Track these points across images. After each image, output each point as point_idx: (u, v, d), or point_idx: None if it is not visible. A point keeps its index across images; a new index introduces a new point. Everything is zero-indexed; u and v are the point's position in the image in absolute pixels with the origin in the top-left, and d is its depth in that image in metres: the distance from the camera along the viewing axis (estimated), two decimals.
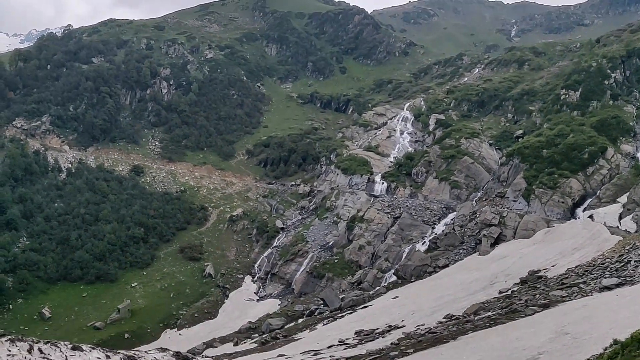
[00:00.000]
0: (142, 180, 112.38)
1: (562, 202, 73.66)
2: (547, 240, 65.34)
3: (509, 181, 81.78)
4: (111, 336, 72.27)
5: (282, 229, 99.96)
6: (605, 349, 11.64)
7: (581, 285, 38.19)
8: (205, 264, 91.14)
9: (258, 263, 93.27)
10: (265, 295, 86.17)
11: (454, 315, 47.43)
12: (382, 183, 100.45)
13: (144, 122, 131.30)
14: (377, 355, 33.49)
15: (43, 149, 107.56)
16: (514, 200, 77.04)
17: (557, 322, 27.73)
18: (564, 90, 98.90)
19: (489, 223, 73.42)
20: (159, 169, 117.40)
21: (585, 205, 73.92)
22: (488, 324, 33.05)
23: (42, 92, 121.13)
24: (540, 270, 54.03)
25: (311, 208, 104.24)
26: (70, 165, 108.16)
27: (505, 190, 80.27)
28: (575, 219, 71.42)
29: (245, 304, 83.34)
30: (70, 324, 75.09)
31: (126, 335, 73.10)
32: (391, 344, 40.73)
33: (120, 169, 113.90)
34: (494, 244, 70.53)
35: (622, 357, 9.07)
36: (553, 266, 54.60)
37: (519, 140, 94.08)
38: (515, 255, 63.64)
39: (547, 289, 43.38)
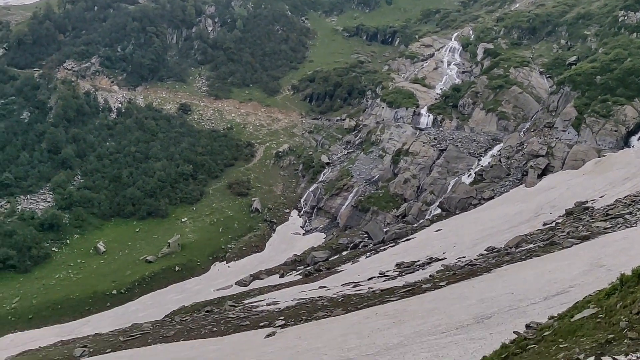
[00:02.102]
0: (190, 118, 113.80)
1: (615, 131, 70.57)
2: (597, 171, 63.10)
3: (559, 111, 78.63)
4: (162, 269, 75.28)
5: (328, 163, 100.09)
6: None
7: (626, 216, 36.89)
8: (253, 199, 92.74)
9: (304, 198, 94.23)
10: (311, 229, 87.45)
11: (495, 248, 46.94)
12: (428, 116, 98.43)
13: (190, 61, 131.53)
14: (410, 287, 33.67)
15: (93, 89, 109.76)
16: (563, 130, 74.28)
17: (594, 254, 26.95)
18: (622, 12, 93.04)
19: (537, 154, 71.34)
20: (206, 107, 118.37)
21: None
22: (524, 257, 32.53)
23: (91, 34, 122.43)
24: (587, 202, 52.47)
25: (356, 142, 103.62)
26: (120, 105, 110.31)
27: (554, 120, 77.40)
28: (629, 147, 68.49)
29: (291, 238, 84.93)
30: (123, 258, 78.52)
31: (177, 268, 75.95)
32: (429, 276, 40.87)
33: (168, 107, 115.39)
34: (540, 176, 68.71)
35: (620, 292, 8.66)
36: (601, 197, 52.86)
37: (572, 67, 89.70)
38: (563, 186, 61.88)
39: (591, 220, 42.21)
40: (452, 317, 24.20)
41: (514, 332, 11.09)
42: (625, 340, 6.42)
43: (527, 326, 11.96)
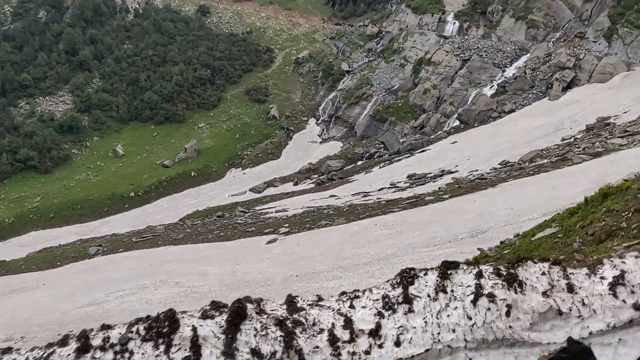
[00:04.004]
0: (209, 20, 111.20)
1: None
2: (624, 85, 60.60)
3: (592, 20, 74.62)
4: (178, 174, 76.00)
5: (348, 71, 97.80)
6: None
7: None
8: (270, 106, 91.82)
9: (322, 106, 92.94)
10: (328, 138, 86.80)
11: (509, 162, 46.11)
12: (454, 23, 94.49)
13: None
14: (414, 200, 33.34)
15: None
16: (594, 41, 70.81)
17: (601, 171, 26.03)
18: None
19: (563, 66, 68.48)
20: (225, 9, 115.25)
21: None
22: (532, 172, 31.74)
23: None
24: (609, 117, 50.77)
25: (378, 50, 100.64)
26: (137, 6, 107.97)
27: (585, 30, 73.65)
28: None
29: (308, 146, 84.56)
30: (141, 162, 79.36)
31: (192, 174, 76.61)
32: (438, 188, 40.47)
33: (187, 9, 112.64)
34: (566, 89, 66.30)
35: (583, 212, 8.05)
36: (625, 113, 50.99)
37: None
38: (587, 100, 59.80)
39: (609, 136, 40.88)
40: (449, 230, 23.94)
41: (477, 248, 10.65)
42: (573, 262, 5.87)
43: (502, 243, 11.48)
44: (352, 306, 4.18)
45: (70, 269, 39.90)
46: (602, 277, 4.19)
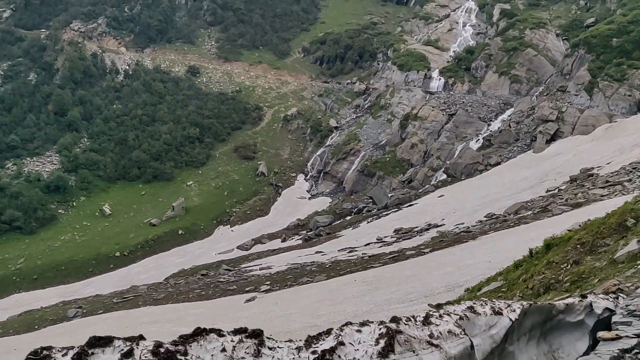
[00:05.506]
0: (199, 80, 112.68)
1: (629, 96, 68.08)
2: (607, 137, 61.13)
3: (572, 74, 76.03)
4: (166, 232, 75.27)
5: (336, 127, 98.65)
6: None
7: (625, 183, 35.50)
8: (259, 162, 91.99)
9: (311, 162, 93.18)
10: (317, 194, 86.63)
11: (494, 214, 45.87)
12: (440, 79, 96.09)
13: (199, 22, 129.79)
14: (396, 254, 32.83)
15: (100, 51, 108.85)
16: (576, 95, 71.88)
17: (579, 221, 25.69)
18: None
19: (546, 119, 69.27)
20: (215, 69, 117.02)
21: None
22: (513, 224, 31.41)
23: None
24: (593, 168, 50.92)
25: (366, 106, 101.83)
26: (127, 67, 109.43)
27: (567, 84, 74.90)
28: None
29: (296, 202, 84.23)
30: (128, 221, 78.64)
31: (180, 232, 75.88)
32: (422, 242, 39.99)
33: (177, 69, 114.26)
34: (549, 141, 66.87)
35: (527, 264, 7.70)
36: (608, 164, 51.21)
37: (589, 29, 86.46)
38: (571, 152, 60.15)
39: (592, 187, 40.80)
40: (426, 284, 23.39)
41: (428, 304, 10.19)
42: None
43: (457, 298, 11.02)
44: None
45: (46, 333, 38.81)
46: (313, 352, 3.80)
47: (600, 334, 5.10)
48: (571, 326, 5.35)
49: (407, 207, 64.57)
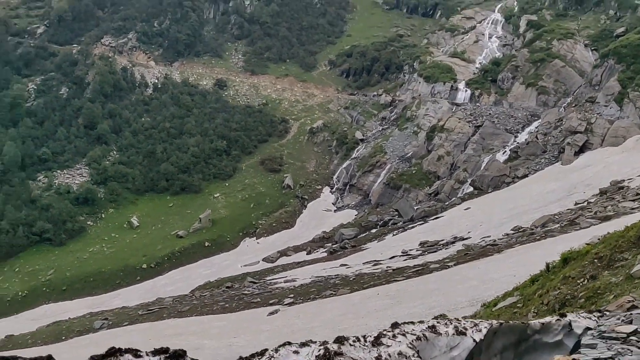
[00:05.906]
0: (226, 93, 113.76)
1: None
2: (638, 148, 59.87)
3: (602, 85, 74.77)
4: (192, 244, 75.80)
5: (362, 140, 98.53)
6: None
7: None
8: (285, 175, 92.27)
9: (337, 174, 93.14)
10: (342, 206, 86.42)
11: (521, 227, 45.15)
12: (466, 90, 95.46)
13: (227, 36, 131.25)
14: (420, 268, 32.47)
15: (130, 65, 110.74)
16: (605, 105, 70.61)
17: (598, 235, 25.13)
18: None
19: (575, 130, 68.17)
20: (242, 82, 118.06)
21: None
22: (540, 237, 30.85)
23: (128, 9, 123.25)
24: (623, 180, 49.81)
25: (392, 118, 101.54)
26: (156, 81, 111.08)
27: (596, 94, 73.64)
28: None
29: (322, 214, 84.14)
30: (156, 233, 79.45)
31: (206, 244, 76.35)
32: (454, 252, 39.51)
33: (205, 83, 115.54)
34: (578, 153, 65.72)
35: (543, 279, 7.49)
36: (639, 176, 50.08)
37: (619, 39, 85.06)
38: (600, 164, 59.01)
39: (622, 200, 39.91)
40: (450, 298, 23.07)
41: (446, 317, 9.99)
42: None
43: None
44: None
45: (72, 344, 39.20)
46: None
47: (557, 358, 4.81)
48: (549, 347, 5.12)
49: (433, 219, 63.98)
